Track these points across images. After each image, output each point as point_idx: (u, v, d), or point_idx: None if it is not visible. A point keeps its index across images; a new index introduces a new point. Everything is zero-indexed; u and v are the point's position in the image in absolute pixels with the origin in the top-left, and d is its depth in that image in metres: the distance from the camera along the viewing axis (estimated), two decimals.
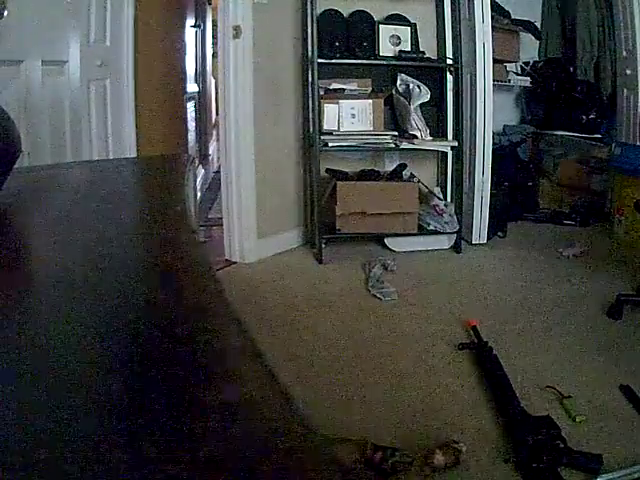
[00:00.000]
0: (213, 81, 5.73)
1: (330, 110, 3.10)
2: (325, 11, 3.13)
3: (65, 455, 0.29)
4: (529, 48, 4.14)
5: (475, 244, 3.32)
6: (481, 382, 1.84)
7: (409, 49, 3.21)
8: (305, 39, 3.13)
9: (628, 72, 3.56)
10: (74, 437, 0.31)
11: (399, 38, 3.22)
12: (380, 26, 3.20)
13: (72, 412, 0.33)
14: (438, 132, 3.28)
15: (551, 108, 4.11)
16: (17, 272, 0.61)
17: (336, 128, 3.11)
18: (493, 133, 3.37)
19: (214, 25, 5.06)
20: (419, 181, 3.24)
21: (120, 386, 0.36)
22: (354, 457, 1.35)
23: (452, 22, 3.24)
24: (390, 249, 3.20)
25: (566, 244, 3.25)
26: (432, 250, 3.21)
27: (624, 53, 3.60)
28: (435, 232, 3.19)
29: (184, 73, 4.36)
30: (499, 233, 3.45)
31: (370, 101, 3.15)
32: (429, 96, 3.10)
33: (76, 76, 2.28)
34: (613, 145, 3.51)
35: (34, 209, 0.88)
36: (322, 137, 3.02)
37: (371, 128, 3.16)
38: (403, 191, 3.11)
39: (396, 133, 3.14)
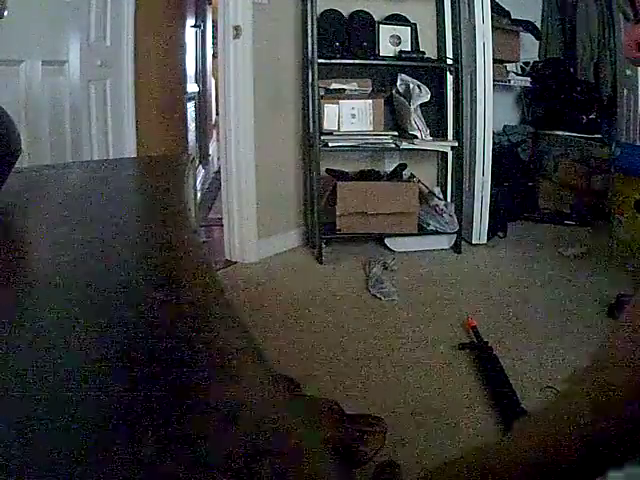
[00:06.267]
0: (213, 81, 5.73)
1: (330, 110, 3.10)
2: (325, 11, 3.13)
3: (65, 455, 0.29)
4: (529, 48, 4.13)
5: (475, 244, 3.33)
6: (481, 382, 1.84)
7: (409, 49, 3.21)
8: (305, 39, 3.13)
9: (628, 72, 3.56)
10: (73, 437, 0.31)
11: (399, 38, 3.22)
12: (380, 26, 3.20)
13: (71, 412, 0.33)
14: (438, 132, 3.28)
15: (551, 108, 4.11)
16: (17, 272, 0.61)
17: (336, 128, 3.11)
18: (493, 133, 3.37)
19: (214, 25, 5.06)
20: (419, 181, 3.24)
21: (119, 386, 0.36)
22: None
23: (452, 22, 3.24)
24: (390, 249, 3.20)
25: (566, 244, 3.25)
26: (432, 250, 3.21)
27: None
28: (435, 232, 3.19)
29: (184, 73, 4.36)
30: (499, 233, 3.45)
31: (370, 101, 3.15)
32: (429, 96, 3.10)
33: (76, 76, 2.28)
34: (613, 145, 3.51)
35: (34, 209, 0.88)
36: (322, 137, 3.02)
37: (371, 128, 3.16)
38: (403, 191, 3.11)
39: (396, 133, 3.14)
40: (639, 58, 0.49)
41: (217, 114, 4.65)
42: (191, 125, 4.59)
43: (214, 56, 5.23)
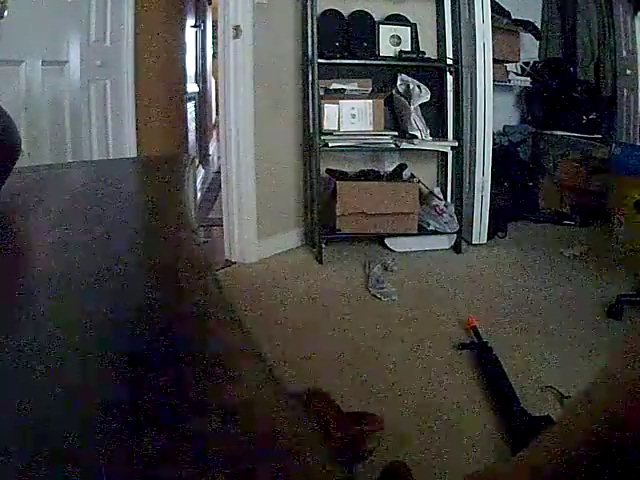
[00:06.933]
0: (213, 81, 5.73)
1: (330, 110, 3.10)
2: (325, 11, 3.13)
3: (64, 455, 0.29)
4: (529, 48, 4.14)
5: (475, 244, 3.33)
6: (481, 382, 1.84)
7: (409, 49, 3.21)
8: (305, 39, 3.13)
9: (628, 72, 3.56)
10: (73, 437, 0.31)
11: (399, 38, 3.22)
12: (380, 26, 3.20)
13: (71, 412, 0.33)
14: (438, 132, 3.28)
15: (551, 108, 4.11)
16: (17, 272, 0.61)
17: (336, 128, 3.11)
18: (493, 133, 3.37)
19: (214, 25, 5.06)
20: (419, 181, 3.24)
21: (119, 386, 0.36)
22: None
23: (452, 22, 3.24)
24: (390, 249, 3.20)
25: (566, 244, 3.25)
26: (432, 250, 3.21)
27: (624, 53, 3.60)
28: (435, 232, 3.19)
29: (184, 73, 4.36)
30: (499, 233, 3.45)
31: (370, 101, 3.15)
32: (429, 96, 3.10)
33: (76, 76, 2.28)
34: (613, 145, 3.52)
35: (34, 209, 0.88)
36: (322, 137, 3.02)
37: (371, 128, 3.16)
38: (403, 191, 3.11)
39: (396, 133, 3.14)
40: None
41: (217, 114, 4.65)
42: (191, 125, 4.59)
43: (214, 56, 5.23)
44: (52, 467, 0.28)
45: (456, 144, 3.18)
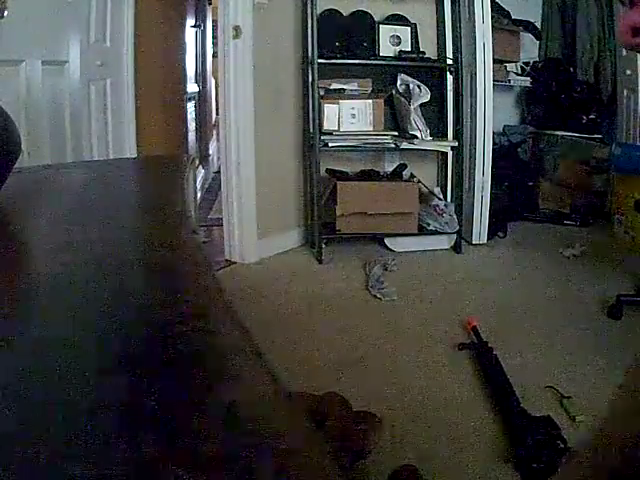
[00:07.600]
0: (213, 81, 5.73)
1: (330, 110, 3.10)
2: (325, 11, 3.13)
3: (65, 455, 0.29)
4: (529, 48, 4.14)
5: (475, 244, 3.33)
6: (481, 382, 1.84)
7: (409, 49, 3.21)
8: (305, 39, 3.13)
9: (628, 72, 3.56)
10: (74, 437, 0.31)
11: (399, 38, 3.22)
12: (380, 26, 3.20)
13: (71, 412, 0.33)
14: (438, 132, 3.28)
15: (551, 108, 4.11)
16: (17, 273, 0.61)
17: (336, 128, 3.11)
18: (493, 133, 3.37)
19: (214, 25, 5.06)
20: (419, 181, 3.24)
21: (119, 386, 0.36)
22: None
23: (452, 22, 3.24)
24: (390, 249, 3.20)
25: (566, 244, 3.24)
26: (432, 250, 3.21)
27: (624, 53, 3.60)
28: (435, 232, 3.19)
29: (184, 73, 4.36)
30: (499, 233, 3.45)
31: (370, 101, 3.15)
32: (429, 96, 3.10)
33: (76, 76, 2.28)
34: (613, 145, 3.51)
35: (34, 209, 0.88)
36: (322, 137, 3.02)
37: (371, 128, 3.16)
38: (403, 191, 3.11)
39: (396, 133, 3.14)
40: (633, 44, 0.50)
41: (217, 114, 4.65)
42: (191, 125, 4.59)
43: (214, 56, 5.22)
44: (52, 466, 0.28)
45: (456, 144, 3.18)
